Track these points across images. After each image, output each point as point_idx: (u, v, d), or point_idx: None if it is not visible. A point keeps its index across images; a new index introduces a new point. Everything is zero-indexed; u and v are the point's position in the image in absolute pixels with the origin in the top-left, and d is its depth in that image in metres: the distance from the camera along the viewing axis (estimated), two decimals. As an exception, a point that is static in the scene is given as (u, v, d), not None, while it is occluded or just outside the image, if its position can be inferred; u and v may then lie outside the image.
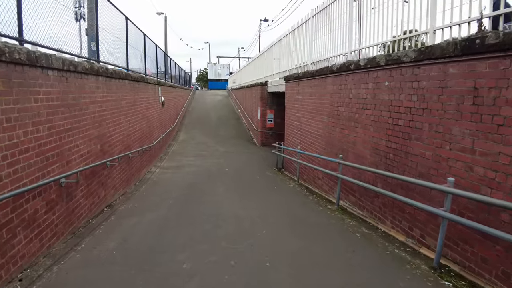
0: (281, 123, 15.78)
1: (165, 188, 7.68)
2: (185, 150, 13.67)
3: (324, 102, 7.26)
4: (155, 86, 11.58)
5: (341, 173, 5.97)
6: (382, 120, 5.09)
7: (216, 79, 46.82)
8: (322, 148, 7.38)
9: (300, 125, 8.99)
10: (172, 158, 12.10)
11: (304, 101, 8.57)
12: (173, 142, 15.44)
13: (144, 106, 9.57)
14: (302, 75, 8.61)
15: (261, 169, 10.56)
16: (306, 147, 8.43)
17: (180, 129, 18.63)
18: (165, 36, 31.87)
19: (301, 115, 8.88)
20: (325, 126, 7.20)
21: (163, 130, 13.08)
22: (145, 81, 9.72)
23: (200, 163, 11.09)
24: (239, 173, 9.57)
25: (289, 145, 10.09)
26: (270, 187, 7.81)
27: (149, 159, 10.17)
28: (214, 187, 7.76)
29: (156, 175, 9.31)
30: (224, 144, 15.43)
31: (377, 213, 5.32)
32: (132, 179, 8.05)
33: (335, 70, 6.61)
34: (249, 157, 12.70)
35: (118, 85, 6.92)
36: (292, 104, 9.74)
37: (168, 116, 14.84)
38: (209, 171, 9.78)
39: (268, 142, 15.52)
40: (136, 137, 8.46)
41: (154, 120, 11.17)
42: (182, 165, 10.71)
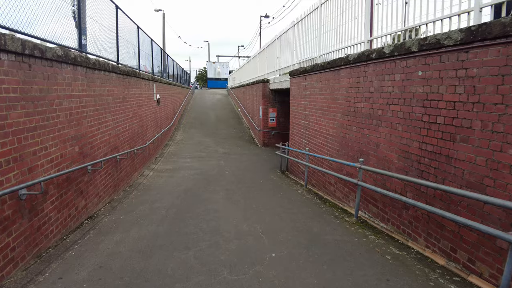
0: (284, 122, 14.97)
1: (157, 195, 6.82)
2: (182, 151, 12.80)
3: (337, 98, 6.41)
4: (149, 82, 10.71)
5: (362, 180, 5.12)
6: (414, 117, 4.24)
7: (215, 78, 45.96)
8: (334, 150, 6.53)
9: (307, 124, 8.14)
10: (168, 159, 11.24)
11: (313, 98, 7.72)
12: (169, 142, 14.58)
13: (136, 103, 8.71)
14: (310, 68, 7.75)
15: (264, 172, 9.70)
16: (315, 148, 7.58)
17: (177, 128, 17.77)
18: (163, 32, 31.01)
19: (309, 113, 8.02)
20: (338, 125, 6.35)
21: (158, 129, 12.22)
22: (138, 76, 8.86)
23: (197, 166, 10.23)
24: (240, 177, 8.72)
25: (294, 146, 9.24)
26: (275, 194, 6.95)
27: (142, 161, 9.31)
28: (212, 193, 6.91)
29: (149, 179, 8.45)
30: (223, 144, 14.58)
31: (406, 228, 4.47)
32: (121, 185, 7.19)
33: (351, 61, 5.76)
34: (251, 158, 11.84)
35: (103, 78, 6.06)
36: (298, 101, 8.89)
37: (165, 115, 13.98)
38: (207, 175, 8.92)
39: (270, 142, 14.67)
40: (126, 138, 7.60)
41: (148, 119, 10.31)
42: (178, 168, 9.84)
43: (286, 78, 11.10)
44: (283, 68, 11.84)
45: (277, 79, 12.57)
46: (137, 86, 8.84)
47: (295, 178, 9.06)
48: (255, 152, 13.09)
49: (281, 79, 11.90)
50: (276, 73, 12.98)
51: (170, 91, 16.14)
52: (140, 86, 9.26)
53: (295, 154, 9.12)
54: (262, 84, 14.37)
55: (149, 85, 10.62)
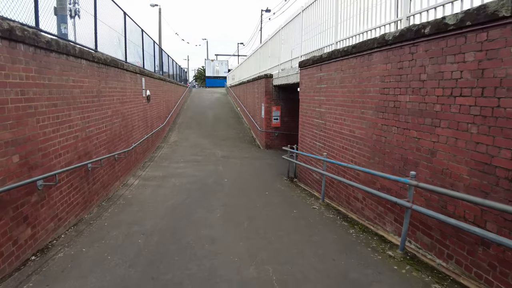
0: (289, 121, 13.58)
1: (138, 213, 5.43)
2: (175, 154, 11.40)
3: (367, 90, 5.03)
4: (137, 76, 9.31)
5: (411, 201, 3.75)
6: (503, 114, 2.87)
7: (214, 77, 44.50)
8: (363, 157, 5.15)
9: (323, 124, 6.76)
10: (159, 164, 9.83)
11: (331, 91, 6.34)
12: (162, 144, 13.17)
13: (118, 99, 7.31)
14: (328, 55, 6.37)
15: (269, 179, 8.32)
16: (334, 153, 6.20)
17: (172, 128, 16.36)
18: (159, 28, 29.56)
19: (325, 110, 6.64)
20: (369, 125, 4.97)
21: (148, 130, 10.82)
22: (120, 67, 7.46)
23: (192, 172, 8.83)
24: (242, 187, 7.33)
25: (305, 149, 7.86)
26: (287, 211, 5.56)
27: (126, 167, 7.91)
28: (208, 210, 5.52)
29: (133, 190, 7.05)
30: (222, 146, 13.18)
31: (483, 272, 3.10)
32: (95, 199, 5.79)
33: (390, 41, 4.38)
34: (253, 163, 10.44)
35: (65, 64, 4.66)
36: (310, 96, 7.51)
37: (156, 114, 12.57)
38: (203, 184, 7.53)
39: (274, 144, 13.29)
40: (102, 140, 6.21)
41: (134, 118, 8.91)
42: (169, 175, 8.44)
43: (294, 71, 9.73)
44: (291, 60, 10.47)
45: (282, 73, 11.19)
46: (119, 79, 7.44)
47: (306, 187, 7.68)
48: (258, 155, 11.70)
49: (287, 73, 10.53)
50: (281, 66, 11.60)
51: (163, 87, 14.74)
52: (124, 79, 7.86)
53: (306, 159, 7.74)
54: (264, 80, 12.98)
55: (136, 79, 9.22)
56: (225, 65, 44.95)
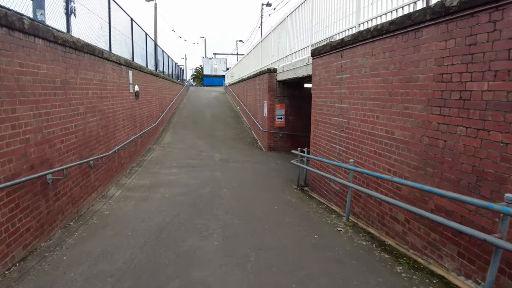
0: (295, 121, 12.32)
1: (112, 239, 4.19)
2: (168, 158, 10.13)
3: (413, 78, 3.80)
4: (122, 68, 8.05)
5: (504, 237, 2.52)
6: None
7: (212, 75, 43.24)
8: (407, 166, 3.92)
9: (345, 123, 5.53)
10: (148, 170, 8.57)
11: (357, 82, 5.11)
12: (154, 146, 11.89)
13: (96, 93, 6.05)
14: (352, 38, 5.14)
15: (276, 188, 7.08)
16: (361, 160, 4.97)
17: (166, 129, 15.08)
18: (155, 23, 28.25)
19: (348, 105, 5.41)
20: (417, 124, 3.74)
21: (136, 130, 9.55)
22: (98, 55, 6.20)
23: (185, 180, 7.57)
24: (244, 199, 6.10)
25: (319, 153, 6.63)
26: (305, 237, 4.32)
27: (105, 175, 6.65)
28: (202, 236, 4.28)
29: (112, 204, 5.80)
30: (220, 148, 11.92)
31: None
32: (58, 219, 4.53)
33: (454, 8, 3.15)
34: (256, 167, 9.19)
35: (3, 40, 3.41)
36: (327, 89, 6.27)
37: (148, 112, 11.30)
38: (197, 195, 6.28)
39: (278, 146, 12.05)
40: (70, 144, 4.95)
41: (118, 117, 7.65)
42: (158, 184, 7.19)
43: (302, 63, 8.50)
44: (297, 52, 9.23)
45: (287, 67, 9.95)
46: (97, 69, 6.18)
47: (321, 199, 6.44)
48: (260, 159, 10.45)
49: (293, 66, 9.29)
50: (286, 60, 10.36)
51: (156, 84, 13.47)
52: (104, 71, 6.61)
53: (321, 165, 6.50)
54: (267, 75, 11.73)
55: (121, 72, 7.96)
56: (224, 63, 43.69)
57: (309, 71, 8.01)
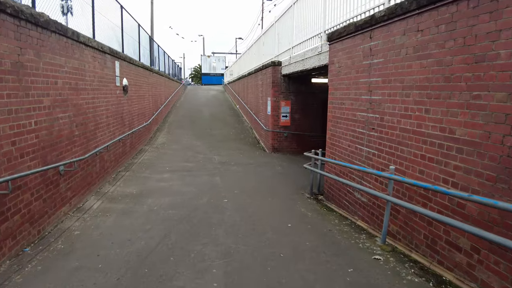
0: (302, 119, 11.19)
1: (74, 275, 3.11)
2: (161, 161, 9.01)
3: (489, 56, 2.72)
4: (106, 57, 6.95)
5: None
6: None
7: (210, 74, 42.09)
8: (477, 176, 2.84)
9: (376, 119, 4.45)
10: (136, 175, 7.46)
11: (393, 67, 4.03)
12: (146, 146, 10.77)
13: (68, 83, 4.95)
14: (388, 12, 4.06)
15: (286, 197, 6.00)
16: (401, 165, 3.89)
17: (161, 128, 13.97)
18: (151, 17, 27.11)
19: (382, 97, 4.32)
20: (496, 118, 2.66)
21: (125, 129, 8.44)
22: (72, 37, 5.10)
23: (179, 187, 6.47)
24: (250, 213, 5.00)
25: (338, 156, 5.55)
26: (336, 271, 3.23)
27: (82, 183, 5.55)
28: (198, 271, 3.19)
29: (87, 220, 4.69)
30: (220, 149, 10.81)
31: None
32: (6, 247, 3.42)
33: None
34: (260, 172, 8.09)
35: None
36: (350, 79, 5.18)
37: (138, 110, 10.19)
38: (192, 209, 5.18)
39: (282, 146, 10.96)
40: (28, 146, 3.85)
41: (100, 113, 6.55)
42: (146, 192, 6.09)
43: (313, 52, 7.42)
44: (306, 41, 8.16)
45: (295, 58, 8.86)
46: (71, 55, 5.08)
47: (341, 211, 5.36)
48: (264, 161, 9.34)
49: (302, 56, 8.20)
50: (293, 51, 9.28)
51: (150, 79, 12.36)
52: (81, 57, 5.50)
53: (342, 170, 5.42)
54: (271, 69, 10.64)
55: (105, 61, 6.85)
56: (222, 61, 42.55)
57: (322, 60, 6.93)
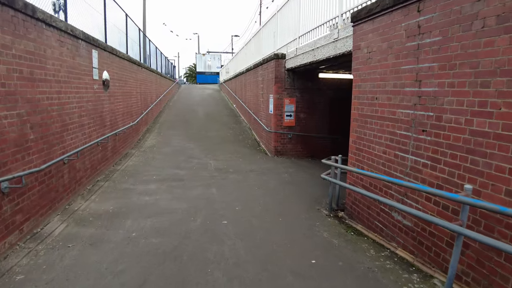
0: (308, 119, 10.01)
1: None
2: (148, 167, 7.79)
3: None
4: (80, 44, 5.73)
5: None
6: None
7: (205, 72, 40.79)
8: None
9: (432, 118, 3.30)
10: (117, 186, 6.23)
11: (459, 47, 2.87)
12: (133, 150, 9.53)
13: (16, 71, 3.74)
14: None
15: (300, 216, 4.83)
16: (476, 183, 2.74)
17: (151, 129, 12.72)
18: (144, 13, 25.82)
19: (439, 88, 3.16)
20: None
21: (105, 131, 7.21)
22: (23, 11, 3.89)
23: (167, 202, 5.27)
24: (258, 242, 3.83)
25: (365, 164, 4.40)
26: None
27: (40, 201, 4.32)
28: None
29: (40, 255, 3.48)
30: (216, 153, 9.61)
31: None
32: None
33: None
34: (263, 180, 6.91)
35: None
36: (386, 67, 4.02)
37: (123, 108, 8.96)
38: (182, 235, 3.99)
39: (286, 149, 9.80)
40: None
41: (71, 111, 5.33)
42: (125, 211, 4.88)
43: (326, 40, 6.28)
44: (317, 28, 7.01)
45: (303, 48, 7.69)
46: (21, 33, 3.87)
47: (369, 232, 4.20)
48: (267, 167, 8.16)
49: (312, 46, 7.04)
50: (299, 41, 8.13)
51: (139, 75, 11.12)
52: (39, 39, 4.29)
53: (374, 183, 4.26)
54: (274, 63, 9.48)
55: (77, 48, 5.63)
56: (218, 59, 41.28)
57: (339, 48, 5.79)
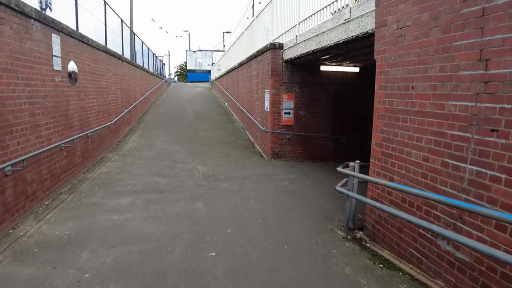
0: (309, 117, 8.91)
1: None
2: (124, 174, 6.66)
3: None
4: (32, 24, 4.60)
5: None
6: None
7: (196, 70, 39.56)
8: None
9: (509, 112, 2.28)
10: (82, 200, 5.10)
11: None
12: (111, 154, 8.37)
13: None
14: None
15: (313, 242, 3.79)
16: None
17: (134, 129, 11.55)
18: (131, 8, 24.51)
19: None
20: None
21: (69, 132, 6.06)
22: None
23: (140, 224, 4.17)
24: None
25: (396, 174, 3.38)
26: None
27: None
28: None
29: None
30: (205, 156, 8.51)
31: None
32: None
33: None
34: (261, 190, 5.85)
35: None
36: (427, 46, 2.99)
37: (98, 106, 7.81)
38: (155, 280, 2.90)
39: (285, 151, 8.76)
40: None
41: (19, 109, 4.20)
42: (84, 237, 3.77)
43: (334, 22, 5.25)
44: (323, 10, 5.98)
45: (304, 35, 6.65)
46: None
47: (403, 264, 3.19)
48: (264, 172, 7.11)
49: (316, 31, 6.02)
50: (299, 27, 7.10)
51: (119, 69, 9.95)
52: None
53: (403, 197, 3.25)
54: (270, 54, 8.42)
55: (27, 29, 4.50)
56: (209, 57, 40.04)
57: (352, 30, 4.77)
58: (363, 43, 5.12)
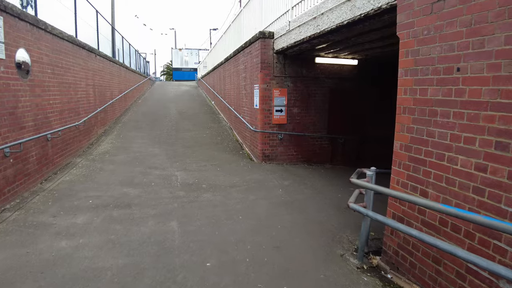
0: (303, 114, 7.97)
1: None
2: (89, 183, 5.64)
3: None
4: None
5: None
6: None
7: (182, 68, 38.34)
8: None
9: None
10: (28, 220, 4.09)
11: None
12: (79, 158, 7.31)
13: None
14: None
15: (318, 277, 2.93)
16: None
17: (110, 130, 10.47)
18: (112, 3, 23.19)
19: None
20: None
21: (18, 134, 5.01)
22: None
23: (92, 255, 3.21)
24: None
25: (431, 186, 2.52)
26: None
27: None
28: None
29: None
30: (186, 160, 7.54)
31: None
32: None
33: None
34: (251, 202, 4.94)
35: None
36: (482, 10, 2.14)
37: (61, 104, 6.75)
38: None
39: (276, 153, 7.87)
40: None
41: None
42: (10, 277, 2.80)
43: (333, 2, 4.38)
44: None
45: (299, 20, 5.77)
46: None
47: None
48: (254, 179, 6.19)
49: (313, 13, 5.15)
50: (293, 12, 6.23)
51: (90, 63, 8.87)
52: None
53: (439, 218, 2.39)
54: (259, 44, 7.52)
55: None
56: (196, 55, 38.87)
57: (361, 8, 3.91)
58: (372, 24, 4.28)
